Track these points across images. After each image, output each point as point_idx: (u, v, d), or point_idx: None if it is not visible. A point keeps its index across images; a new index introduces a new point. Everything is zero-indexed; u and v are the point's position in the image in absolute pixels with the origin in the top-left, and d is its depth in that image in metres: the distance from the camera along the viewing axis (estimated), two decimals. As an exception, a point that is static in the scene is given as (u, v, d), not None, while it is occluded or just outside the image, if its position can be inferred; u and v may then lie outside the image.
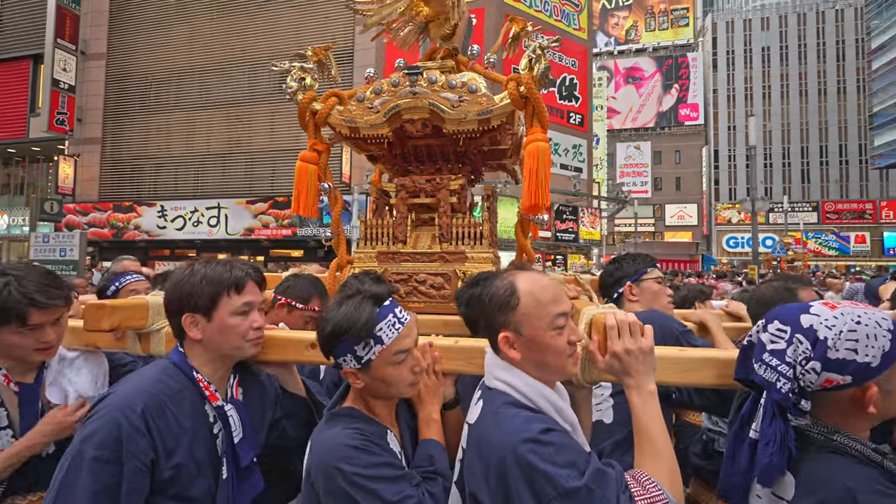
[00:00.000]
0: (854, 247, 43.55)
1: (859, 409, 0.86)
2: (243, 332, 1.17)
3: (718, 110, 50.77)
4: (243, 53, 16.67)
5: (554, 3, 15.48)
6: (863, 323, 0.85)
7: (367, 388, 1.12)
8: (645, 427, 0.96)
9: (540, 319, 0.99)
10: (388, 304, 1.10)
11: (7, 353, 1.29)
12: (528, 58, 1.79)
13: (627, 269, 1.94)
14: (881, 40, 33.06)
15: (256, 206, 15.37)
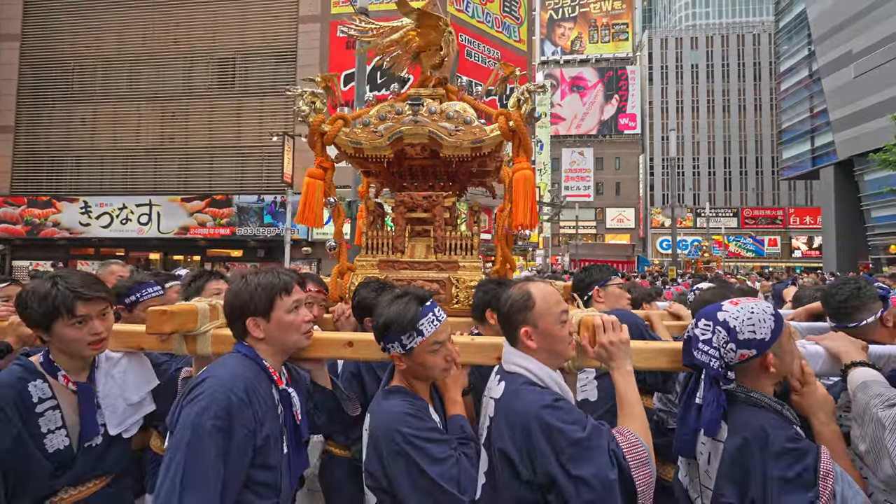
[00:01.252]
0: (768, 249, 48.23)
1: (765, 372, 1.20)
2: (297, 325, 1.36)
3: (653, 121, 54.41)
4: (181, 45, 15.93)
5: (495, 15, 16.10)
6: (755, 312, 1.20)
7: (408, 370, 1.37)
8: (625, 396, 1.28)
9: (550, 315, 1.29)
10: (429, 305, 1.36)
11: (65, 348, 1.39)
12: (517, 98, 2.07)
13: (595, 276, 2.31)
14: (789, 64, 36.95)
15: (192, 204, 14.73)
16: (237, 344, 1.36)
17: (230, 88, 15.51)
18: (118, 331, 1.57)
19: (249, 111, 15.46)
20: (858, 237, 29.34)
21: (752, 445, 1.13)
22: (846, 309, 1.67)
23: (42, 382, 1.36)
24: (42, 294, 1.33)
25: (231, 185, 15.26)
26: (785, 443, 1.10)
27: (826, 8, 30.99)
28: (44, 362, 1.40)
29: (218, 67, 15.56)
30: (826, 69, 30.89)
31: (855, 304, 1.65)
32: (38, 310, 1.33)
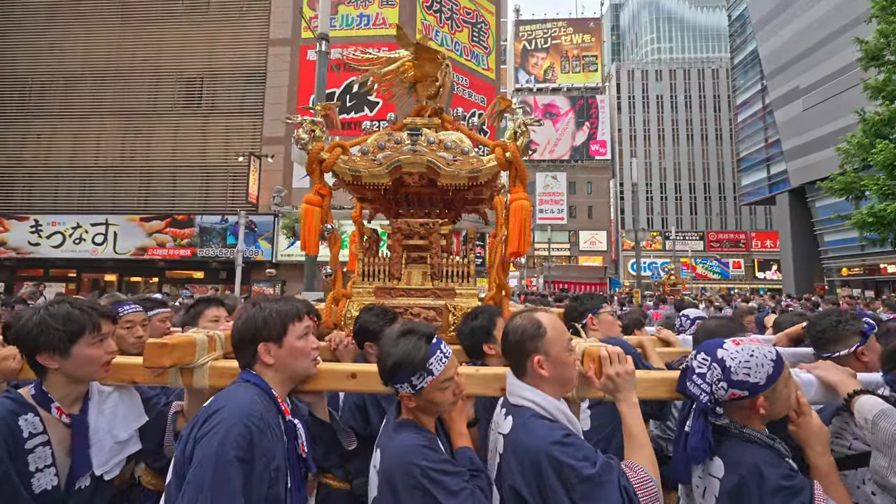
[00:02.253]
0: (733, 271, 50.09)
1: (755, 412, 1.23)
2: (307, 352, 1.36)
3: (623, 148, 56.57)
4: (147, 63, 15.74)
5: (464, 44, 16.61)
6: (755, 355, 1.21)
7: (418, 407, 1.34)
8: (632, 428, 1.29)
9: (560, 343, 1.31)
10: (436, 342, 1.33)
11: (78, 371, 1.35)
12: (514, 130, 2.10)
13: (588, 304, 2.37)
14: (744, 97, 39.31)
15: (152, 224, 14.28)
16: (243, 373, 1.34)
17: (196, 108, 15.33)
18: (111, 364, 1.48)
19: (216, 131, 15.27)
20: (814, 260, 30.78)
21: (748, 483, 1.15)
22: (822, 340, 1.75)
23: (33, 416, 1.29)
24: (63, 314, 1.31)
25: (194, 204, 14.90)
26: (780, 480, 1.13)
27: (775, 47, 33.30)
28: (36, 394, 1.33)
29: (185, 86, 15.39)
30: (777, 102, 32.94)
31: (831, 335, 1.73)
32: (62, 328, 1.29)
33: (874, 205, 16.64)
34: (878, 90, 17.02)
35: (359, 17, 15.26)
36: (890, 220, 15.89)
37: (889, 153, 15.73)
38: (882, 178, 16.39)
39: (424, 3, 15.65)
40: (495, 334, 1.86)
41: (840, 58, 25.89)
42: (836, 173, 18.18)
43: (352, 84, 14.89)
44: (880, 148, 16.09)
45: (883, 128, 16.79)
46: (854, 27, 22.10)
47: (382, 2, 15.31)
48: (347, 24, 15.23)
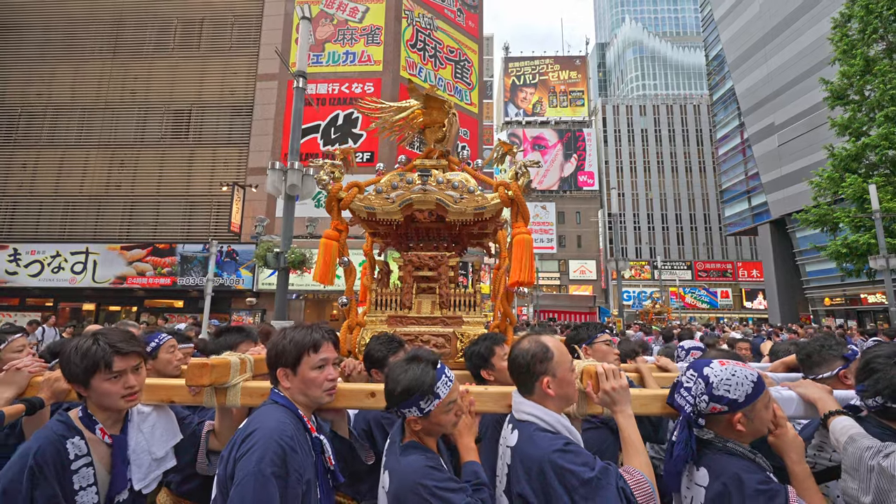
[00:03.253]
0: (721, 301, 50.40)
1: (734, 428, 1.32)
2: (320, 383, 1.44)
3: (609, 179, 57.82)
4: (137, 96, 16.08)
5: (447, 80, 17.25)
6: (736, 375, 1.32)
7: (422, 430, 1.43)
8: (628, 436, 1.41)
9: (565, 364, 1.44)
10: (440, 367, 1.44)
11: (101, 402, 1.45)
12: (515, 171, 2.29)
13: (582, 334, 2.45)
14: (724, 132, 40.77)
15: (133, 253, 14.20)
16: (273, 393, 1.45)
17: (184, 138, 15.58)
18: (150, 384, 1.62)
19: (201, 161, 15.47)
20: (797, 290, 31.14)
21: (730, 488, 1.24)
22: (808, 362, 1.90)
23: (79, 439, 1.40)
24: (84, 350, 1.40)
25: (176, 233, 14.90)
26: (757, 485, 1.23)
27: (750, 86, 34.82)
28: (83, 416, 1.45)
29: (173, 118, 15.70)
30: (755, 137, 34.15)
31: (816, 359, 1.88)
32: (80, 364, 1.40)
33: (847, 236, 17.07)
34: (844, 127, 17.79)
35: (345, 54, 15.87)
36: (862, 252, 16.27)
37: (858, 187, 16.29)
38: (853, 211, 16.89)
39: (409, 42, 16.34)
40: (492, 361, 1.99)
41: (811, 96, 27.13)
42: (810, 206, 18.73)
43: (337, 116, 15.32)
44: (849, 181, 16.67)
45: (851, 163, 17.43)
46: (822, 68, 23.28)
47: (368, 40, 15.97)
48: (334, 61, 15.80)
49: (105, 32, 16.37)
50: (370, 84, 15.43)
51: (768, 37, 32.83)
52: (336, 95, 15.38)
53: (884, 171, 16.80)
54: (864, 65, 17.17)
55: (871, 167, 17.19)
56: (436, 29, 17.30)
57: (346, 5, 16.20)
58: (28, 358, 1.83)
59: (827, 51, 19.67)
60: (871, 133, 16.92)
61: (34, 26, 16.37)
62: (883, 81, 16.47)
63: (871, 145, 16.61)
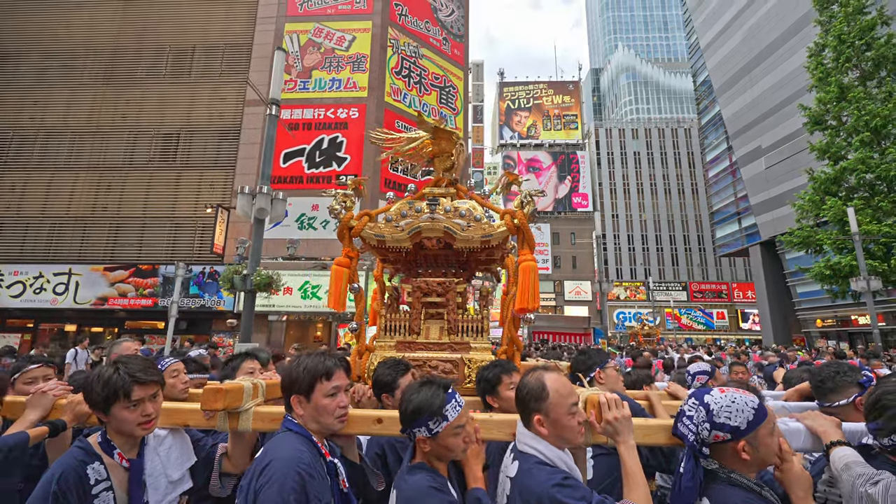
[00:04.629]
0: (717, 322, 50.09)
1: (739, 457, 1.30)
2: (332, 410, 1.46)
3: (604, 200, 58.36)
4: (127, 120, 16.42)
5: (432, 105, 17.68)
6: (736, 402, 1.31)
7: (431, 451, 1.45)
8: (629, 467, 1.40)
9: (562, 407, 1.42)
10: (451, 392, 1.48)
11: (119, 428, 1.49)
12: (521, 200, 2.36)
13: (595, 359, 2.49)
14: (714, 154, 41.43)
15: (115, 274, 14.24)
16: (286, 420, 1.47)
17: (171, 162, 15.85)
18: (166, 408, 1.65)
19: (188, 184, 15.70)
20: (789, 312, 31.06)
21: None
22: (822, 389, 1.86)
23: (99, 465, 1.45)
24: (105, 379, 1.45)
25: (160, 255, 14.99)
26: None
27: (736, 111, 35.58)
28: (102, 441, 1.50)
29: (161, 141, 16.00)
30: (742, 160, 34.68)
31: (830, 385, 1.83)
32: (100, 393, 1.45)
33: (830, 258, 17.18)
34: (823, 151, 18.14)
35: (331, 80, 16.31)
36: (845, 273, 16.35)
37: (838, 209, 16.49)
38: (835, 233, 17.06)
39: (394, 69, 16.82)
40: (499, 389, 2.01)
41: (794, 121, 27.70)
42: (794, 228, 18.91)
43: (322, 140, 15.64)
44: (830, 204, 16.89)
45: (831, 186, 17.70)
46: (803, 94, 23.87)
47: (354, 67, 16.43)
48: (320, 87, 16.23)
49: (101, 59, 16.86)
50: (355, 109, 15.80)
51: (752, 64, 33.75)
52: (321, 120, 15.73)
53: (863, 195, 17.05)
54: (839, 92, 17.65)
55: (851, 190, 17.45)
56: (421, 57, 17.84)
57: (333, 34, 16.75)
58: (53, 382, 1.90)
59: (807, 77, 20.21)
60: (849, 157, 17.25)
61: (31, 54, 16.87)
62: (857, 108, 16.90)
63: (850, 169, 16.91)
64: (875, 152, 16.66)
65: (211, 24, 17.15)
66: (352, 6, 16.99)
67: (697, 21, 42.00)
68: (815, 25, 19.77)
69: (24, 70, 16.78)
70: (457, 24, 19.88)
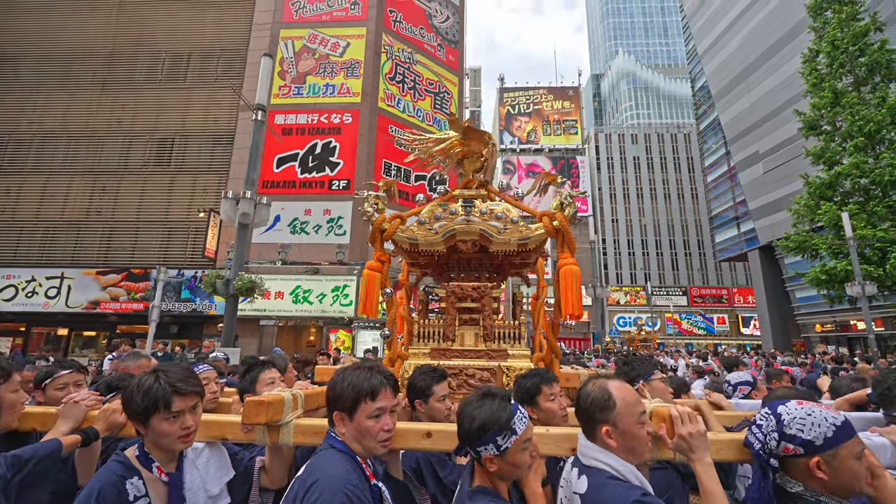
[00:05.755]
0: (717, 327, 49.80)
1: (814, 476, 1.18)
2: (375, 433, 1.37)
3: (603, 205, 58.33)
4: (123, 124, 16.56)
5: (426, 111, 17.77)
6: (813, 415, 1.22)
7: (498, 471, 1.33)
8: (708, 488, 1.29)
9: (631, 416, 1.32)
10: (514, 403, 1.37)
11: (157, 441, 1.44)
12: (560, 201, 2.30)
13: (639, 370, 2.32)
14: (712, 159, 41.42)
15: (108, 278, 14.30)
16: (330, 437, 1.40)
17: (166, 166, 15.97)
18: (204, 420, 1.58)
19: (182, 188, 15.80)
20: (788, 316, 30.89)
21: None
22: (890, 397, 1.76)
23: (137, 479, 1.40)
24: (146, 389, 1.41)
25: (153, 259, 15.06)
26: None
27: (734, 116, 35.61)
28: (139, 455, 1.45)
29: (156, 146, 16.13)
30: (740, 165, 34.65)
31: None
32: (140, 403, 1.40)
33: (825, 263, 17.11)
34: (818, 156, 18.11)
35: (325, 86, 16.42)
36: (841, 278, 16.26)
37: (833, 214, 16.44)
38: (830, 238, 16.99)
39: (388, 75, 16.93)
40: (538, 400, 1.90)
41: (791, 126, 27.69)
42: (790, 233, 18.85)
43: (315, 145, 15.72)
44: (825, 209, 16.84)
45: (826, 191, 17.65)
46: (800, 99, 23.89)
47: (348, 73, 16.55)
48: (314, 93, 16.34)
49: (97, 64, 17.02)
50: (349, 114, 15.89)
51: (749, 69, 33.81)
52: (315, 125, 15.83)
53: (858, 199, 16.99)
54: (833, 97, 17.65)
55: (846, 195, 17.39)
56: (415, 63, 17.95)
57: (327, 40, 16.88)
58: (85, 391, 1.85)
59: (802, 83, 20.23)
60: (844, 162, 17.22)
61: (28, 58, 17.05)
62: (851, 113, 16.88)
63: (844, 174, 16.87)
64: (869, 157, 16.62)
65: (206, 31, 17.33)
66: (346, 13, 17.15)
67: (695, 27, 42.15)
68: (810, 31, 19.80)
69: (20, 74, 16.96)
70: (452, 31, 20.02)
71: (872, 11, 18.31)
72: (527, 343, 2.42)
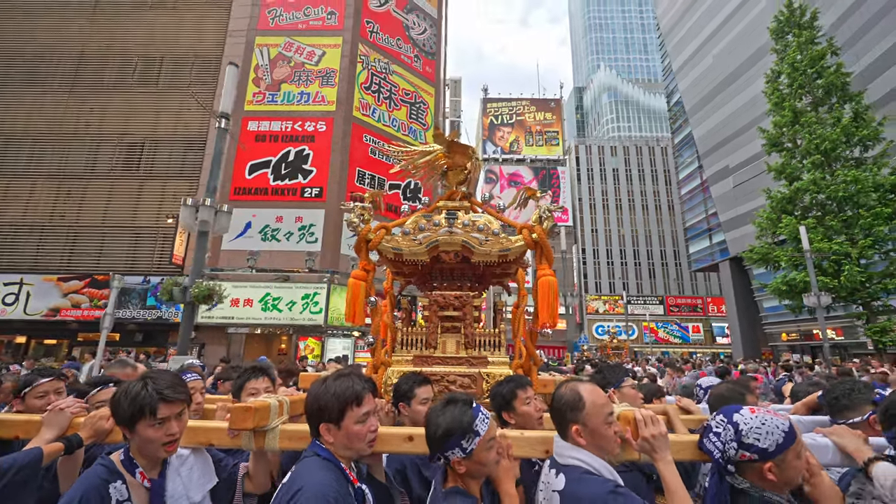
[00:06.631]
0: (692, 336, 50.89)
1: (765, 477, 1.30)
2: (363, 436, 1.43)
3: (583, 215, 59.32)
4: (91, 128, 16.25)
5: (402, 120, 17.95)
6: (766, 424, 1.31)
7: (467, 471, 1.41)
8: (673, 487, 1.38)
9: (598, 417, 1.41)
10: (476, 406, 1.46)
11: (142, 447, 1.44)
12: (539, 215, 2.38)
13: (610, 377, 2.43)
14: (686, 172, 42.66)
15: (70, 284, 13.94)
16: (314, 445, 1.43)
17: (135, 171, 15.72)
18: (189, 427, 1.59)
19: (151, 193, 15.56)
20: (757, 326, 31.80)
21: None
22: (837, 406, 1.87)
23: (121, 484, 1.41)
24: (133, 394, 1.42)
25: (119, 265, 14.73)
26: None
27: (706, 131, 36.80)
28: (124, 459, 1.46)
29: (125, 151, 15.87)
30: (712, 179, 35.75)
31: (845, 402, 1.86)
32: (127, 409, 1.41)
33: (786, 274, 17.75)
34: (779, 172, 18.87)
35: (300, 94, 16.47)
36: (800, 289, 16.88)
37: (793, 227, 17.09)
38: (791, 250, 17.65)
39: (363, 85, 17.08)
40: (514, 404, 1.96)
41: (759, 142, 28.79)
42: (754, 245, 19.52)
43: (288, 153, 15.72)
44: (785, 223, 17.51)
45: (787, 205, 18.38)
46: (766, 117, 24.87)
47: (323, 82, 16.63)
48: (289, 101, 16.37)
49: (66, 66, 16.73)
50: (323, 123, 15.94)
51: (720, 87, 35.06)
52: (289, 133, 15.83)
53: (816, 214, 17.73)
54: (793, 116, 18.46)
55: (805, 209, 18.13)
56: (391, 73, 18.15)
57: (303, 49, 16.97)
58: (70, 399, 1.82)
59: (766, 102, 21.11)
60: (803, 178, 17.97)
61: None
62: (809, 132, 17.68)
63: (803, 189, 17.61)
64: (826, 174, 17.38)
65: (181, 36, 17.22)
66: (323, 22, 17.27)
67: (670, 45, 43.57)
68: (773, 53, 20.71)
69: (-12, 72, 16.56)
70: (429, 43, 20.31)
71: (829, 36, 19.28)
72: (506, 350, 2.53)
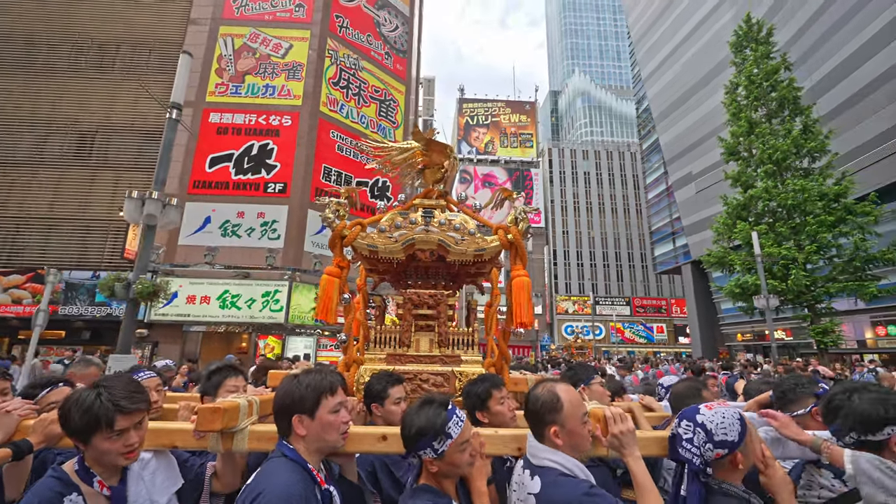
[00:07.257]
0: (657, 336, 52.66)
1: (734, 468, 1.37)
2: (337, 426, 1.42)
3: (555, 217, 60.40)
4: (37, 115, 15.38)
5: (371, 118, 17.78)
6: (725, 417, 1.38)
7: (439, 471, 1.41)
8: (641, 480, 1.43)
9: (575, 418, 1.45)
10: (451, 408, 1.44)
11: (99, 459, 1.37)
12: (515, 216, 2.37)
13: (581, 375, 2.51)
14: (653, 177, 44.08)
15: (10, 279, 13.16)
16: (280, 445, 1.40)
17: (86, 160, 14.96)
18: (152, 429, 1.53)
19: (103, 184, 14.85)
20: (715, 326, 33.16)
21: None
22: (783, 400, 1.99)
23: (77, 495, 1.34)
24: (85, 406, 1.33)
25: (66, 259, 14.01)
26: None
27: (672, 138, 38.09)
28: (79, 469, 1.38)
29: (76, 139, 15.10)
30: (677, 184, 37.04)
31: (790, 396, 1.98)
32: (79, 422, 1.33)
33: (740, 277, 18.58)
34: (735, 180, 19.74)
35: (265, 87, 16.06)
36: (752, 292, 17.70)
37: (746, 233, 17.89)
38: (745, 254, 18.49)
39: (331, 80, 16.82)
40: (489, 404, 1.96)
41: (719, 151, 30.01)
42: (711, 249, 20.35)
43: (251, 146, 15.31)
44: (740, 228, 18.33)
45: (741, 211, 19.25)
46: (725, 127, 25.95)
47: (289, 75, 16.29)
48: (253, 93, 15.95)
49: (12, 47, 15.76)
50: (288, 117, 15.61)
51: (685, 96, 36.35)
52: (252, 126, 15.42)
53: (768, 220, 18.63)
54: (749, 126, 19.35)
55: (759, 216, 19.03)
56: (361, 69, 17.94)
57: (269, 41, 16.56)
58: (17, 400, 1.70)
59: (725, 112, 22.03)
60: (757, 185, 18.86)
61: (-69, 37, 15.53)
62: (762, 142, 18.56)
63: (757, 196, 18.48)
64: (777, 182, 18.29)
65: (140, 20, 16.50)
66: (290, 14, 16.90)
67: (640, 53, 44.86)
68: (732, 66, 21.61)
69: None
70: (401, 40, 20.19)
71: (784, 52, 20.28)
72: (479, 349, 2.55)
